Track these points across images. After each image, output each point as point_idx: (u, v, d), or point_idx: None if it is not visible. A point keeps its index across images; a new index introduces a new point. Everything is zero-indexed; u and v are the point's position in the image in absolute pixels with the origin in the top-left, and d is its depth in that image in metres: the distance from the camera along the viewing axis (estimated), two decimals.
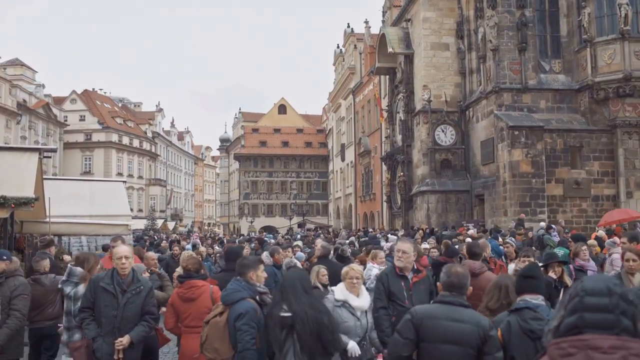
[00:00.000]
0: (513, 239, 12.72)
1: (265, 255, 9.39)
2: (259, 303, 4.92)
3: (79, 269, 6.45)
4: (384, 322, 5.79)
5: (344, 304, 5.48)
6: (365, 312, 5.61)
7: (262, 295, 5.07)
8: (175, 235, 36.92)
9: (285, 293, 4.49)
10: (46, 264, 7.88)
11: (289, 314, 4.34)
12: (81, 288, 6.13)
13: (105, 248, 11.54)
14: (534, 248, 11.39)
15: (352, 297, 5.51)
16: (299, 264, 9.22)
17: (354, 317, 5.48)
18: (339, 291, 5.59)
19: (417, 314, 3.87)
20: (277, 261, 9.20)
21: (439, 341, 3.70)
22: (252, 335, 4.66)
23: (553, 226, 18.34)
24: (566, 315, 2.10)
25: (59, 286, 6.67)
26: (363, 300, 5.60)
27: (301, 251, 11.37)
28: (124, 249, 5.79)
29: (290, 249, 10.26)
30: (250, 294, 4.91)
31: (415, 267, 6.27)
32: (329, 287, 6.75)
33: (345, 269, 5.80)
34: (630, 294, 2.12)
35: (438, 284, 4.20)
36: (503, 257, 10.07)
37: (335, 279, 8.32)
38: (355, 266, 5.99)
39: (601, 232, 14.91)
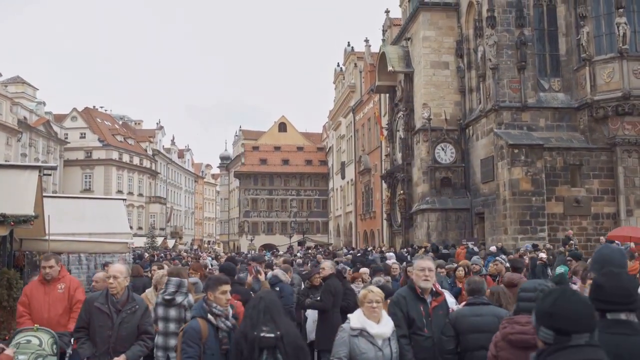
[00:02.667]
0: (504, 257, 12.76)
1: (281, 273, 9.43)
2: (213, 325, 4.83)
3: (186, 280, 6.60)
4: (406, 353, 5.12)
5: (362, 333, 4.81)
6: (389, 339, 4.90)
7: (216, 317, 4.84)
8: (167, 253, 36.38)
9: (269, 314, 4.33)
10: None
11: (272, 335, 4.23)
12: (191, 297, 6.47)
13: (105, 265, 11.53)
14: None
15: (371, 324, 4.84)
16: (282, 277, 9.26)
17: (374, 348, 4.79)
18: (356, 318, 4.92)
19: (452, 316, 5.33)
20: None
21: (469, 332, 5.01)
22: (188, 354, 4.67)
23: (616, 242, 18.18)
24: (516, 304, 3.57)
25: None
26: (384, 327, 4.90)
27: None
28: (113, 268, 5.78)
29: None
30: (201, 313, 4.86)
31: (434, 289, 5.55)
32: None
33: (363, 292, 5.08)
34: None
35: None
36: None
37: (337, 298, 8.32)
38: (375, 288, 5.14)
39: None
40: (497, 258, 11.28)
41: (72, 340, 6.11)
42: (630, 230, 19.70)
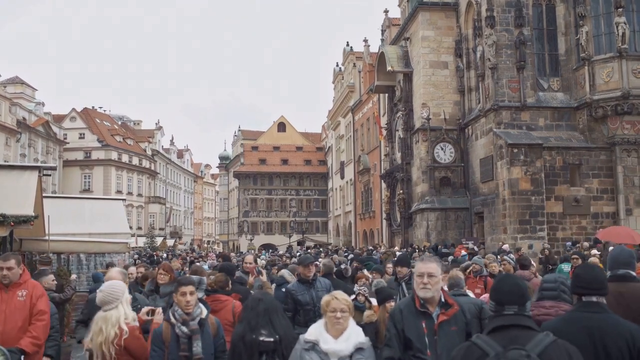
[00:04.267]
0: (512, 257, 12.77)
1: (287, 273, 9.40)
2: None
3: (205, 278, 6.71)
4: None
5: (314, 347, 4.01)
6: (350, 358, 4.03)
7: (176, 321, 4.74)
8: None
9: (267, 316, 4.29)
10: (47, 280, 7.97)
11: (271, 339, 4.20)
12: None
13: (109, 265, 11.50)
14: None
15: (326, 338, 4.02)
16: (288, 277, 9.20)
17: None
18: (313, 329, 4.14)
19: None
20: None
21: None
22: (152, 357, 4.70)
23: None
24: (537, 293, 4.47)
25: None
26: (342, 344, 4.01)
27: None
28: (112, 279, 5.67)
29: None
30: (166, 316, 4.85)
31: (444, 298, 4.38)
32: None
33: (326, 299, 4.21)
34: (567, 282, 4.41)
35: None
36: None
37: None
38: (341, 294, 4.24)
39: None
40: (505, 257, 11.29)
41: (22, 358, 5.33)
42: (617, 230, 19.71)
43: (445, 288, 7.03)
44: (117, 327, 4.70)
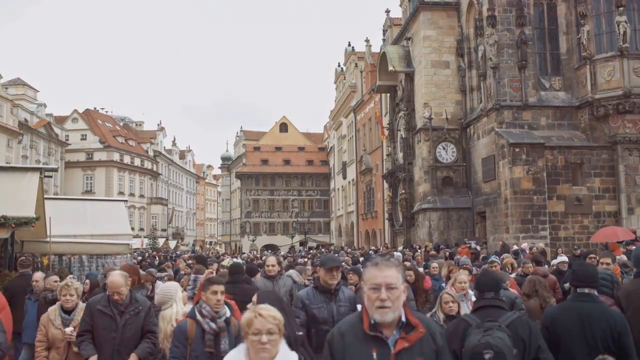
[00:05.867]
0: (498, 259, 12.54)
1: (295, 273, 9.38)
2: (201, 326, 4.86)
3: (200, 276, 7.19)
4: None
5: None
6: None
7: (203, 318, 4.80)
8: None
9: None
10: (50, 280, 8.03)
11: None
12: None
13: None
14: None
15: None
16: (296, 278, 9.17)
17: None
18: (235, 354, 3.18)
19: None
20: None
21: None
22: (173, 353, 4.73)
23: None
24: None
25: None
26: None
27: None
28: (113, 284, 5.61)
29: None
30: (191, 313, 4.90)
31: (405, 317, 3.06)
32: None
33: (247, 316, 3.10)
34: (610, 277, 6.63)
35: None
36: None
37: None
38: (267, 310, 3.11)
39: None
40: (494, 259, 11.07)
41: None
42: (605, 230, 19.82)
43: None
44: (171, 324, 5.31)
